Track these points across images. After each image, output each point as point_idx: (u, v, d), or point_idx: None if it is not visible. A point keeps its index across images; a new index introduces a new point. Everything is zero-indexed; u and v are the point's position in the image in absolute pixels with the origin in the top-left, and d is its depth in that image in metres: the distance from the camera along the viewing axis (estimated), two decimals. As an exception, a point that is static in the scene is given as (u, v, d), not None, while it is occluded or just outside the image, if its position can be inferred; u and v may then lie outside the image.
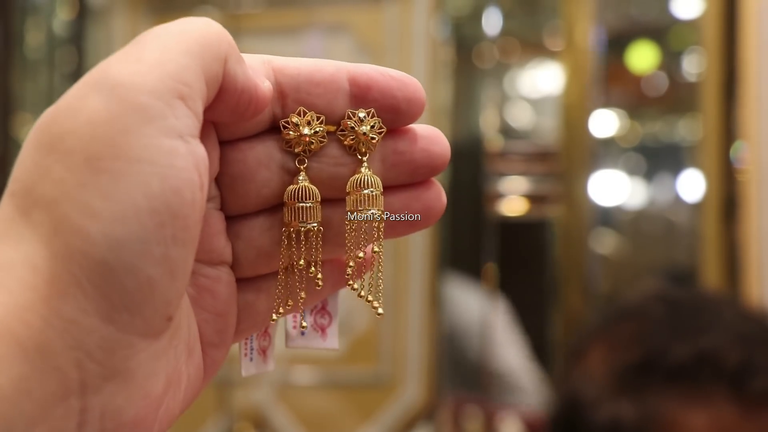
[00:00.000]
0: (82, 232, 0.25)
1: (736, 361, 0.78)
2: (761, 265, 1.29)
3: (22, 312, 0.25)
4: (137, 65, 0.26)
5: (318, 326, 0.36)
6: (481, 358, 1.60)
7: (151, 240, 0.25)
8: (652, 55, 1.75)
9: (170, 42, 0.27)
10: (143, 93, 0.26)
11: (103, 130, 0.26)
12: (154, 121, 0.26)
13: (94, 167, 0.25)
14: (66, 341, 0.25)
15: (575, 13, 1.46)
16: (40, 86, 1.67)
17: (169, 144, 0.26)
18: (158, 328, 0.27)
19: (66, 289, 0.25)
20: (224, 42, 0.28)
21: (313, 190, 0.32)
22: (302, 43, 1.49)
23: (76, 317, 0.25)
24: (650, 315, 0.85)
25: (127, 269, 0.25)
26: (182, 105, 0.27)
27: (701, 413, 0.77)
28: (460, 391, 1.59)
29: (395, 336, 1.43)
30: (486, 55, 1.63)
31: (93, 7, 1.63)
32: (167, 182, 0.26)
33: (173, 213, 0.26)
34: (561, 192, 1.47)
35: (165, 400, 0.28)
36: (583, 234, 1.46)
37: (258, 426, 1.46)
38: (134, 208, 0.25)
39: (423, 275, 1.44)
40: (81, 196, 0.25)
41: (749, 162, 1.31)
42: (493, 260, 1.54)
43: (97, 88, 0.26)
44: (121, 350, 0.26)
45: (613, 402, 0.79)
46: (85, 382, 0.25)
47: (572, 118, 1.47)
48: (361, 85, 0.32)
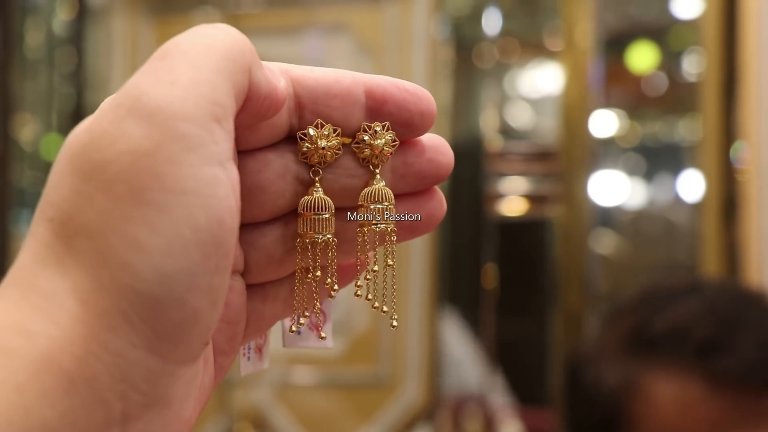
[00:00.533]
0: (131, 266, 0.25)
1: (705, 336, 0.80)
2: (761, 265, 1.29)
3: (71, 345, 0.25)
4: (172, 89, 0.26)
5: (313, 325, 0.36)
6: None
7: (198, 272, 0.25)
8: (651, 55, 1.75)
9: (200, 59, 0.27)
10: (182, 120, 0.26)
11: (145, 161, 0.25)
12: (196, 149, 0.26)
13: (139, 199, 0.25)
14: (113, 374, 0.25)
15: (575, 13, 1.46)
16: (39, 86, 1.67)
17: (210, 172, 0.26)
18: (197, 354, 0.27)
19: (115, 323, 0.25)
20: (247, 51, 0.28)
21: (327, 202, 0.32)
22: (302, 43, 1.49)
23: (124, 351, 0.25)
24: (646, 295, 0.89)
25: (175, 302, 0.25)
26: (219, 129, 0.26)
27: (669, 384, 0.79)
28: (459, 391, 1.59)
29: (395, 336, 1.43)
30: (486, 55, 1.63)
31: (92, 8, 1.63)
32: (212, 212, 0.26)
33: (217, 243, 0.26)
34: (561, 192, 1.47)
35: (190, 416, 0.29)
36: (583, 234, 1.46)
37: (258, 426, 1.46)
38: (182, 242, 0.25)
39: (423, 275, 1.44)
40: (127, 229, 0.25)
41: (749, 162, 1.31)
42: (493, 260, 1.54)
43: (132, 114, 0.26)
44: (164, 379, 0.26)
45: (603, 364, 0.84)
46: (127, 412, 0.25)
47: (572, 118, 1.47)
48: (378, 98, 0.32)
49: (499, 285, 1.55)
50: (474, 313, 1.66)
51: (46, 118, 1.71)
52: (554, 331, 1.49)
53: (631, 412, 0.80)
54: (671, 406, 0.78)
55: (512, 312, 1.61)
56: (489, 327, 1.59)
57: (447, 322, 1.59)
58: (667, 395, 0.79)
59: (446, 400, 1.49)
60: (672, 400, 0.78)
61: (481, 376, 1.59)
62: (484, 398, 1.58)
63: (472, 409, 1.54)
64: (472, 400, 1.57)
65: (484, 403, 1.57)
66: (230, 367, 0.33)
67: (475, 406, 1.55)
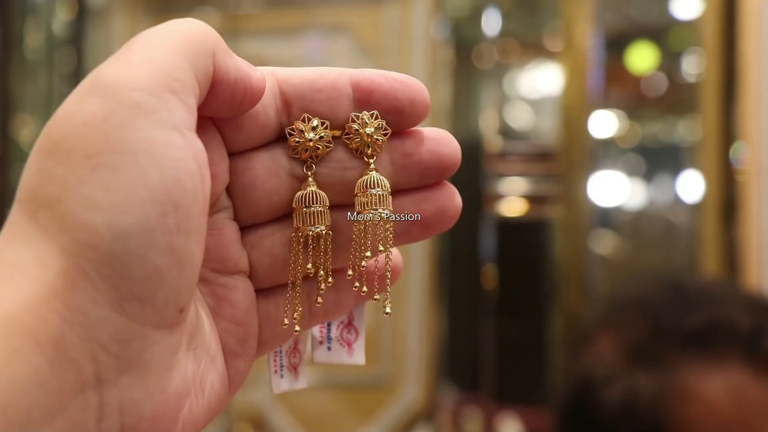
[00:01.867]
0: (87, 225, 0.25)
1: (749, 325, 0.79)
2: (761, 265, 1.29)
3: (35, 306, 0.25)
4: (127, 66, 0.27)
5: (345, 341, 0.36)
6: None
7: (155, 229, 0.26)
8: (651, 55, 1.75)
9: (157, 42, 0.28)
10: (135, 90, 0.26)
11: (98, 129, 0.26)
12: (148, 114, 0.26)
13: (93, 163, 0.26)
14: (79, 333, 0.25)
15: (574, 14, 1.46)
16: (39, 87, 1.67)
17: (165, 135, 0.26)
18: (170, 319, 0.27)
19: (76, 282, 0.25)
20: (210, 37, 0.29)
21: (320, 195, 0.32)
22: (301, 44, 1.49)
23: (87, 309, 0.25)
24: (654, 298, 0.86)
25: (133, 259, 0.25)
26: (175, 98, 0.27)
27: (716, 378, 0.77)
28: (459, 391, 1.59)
29: (395, 337, 1.43)
30: (485, 55, 1.63)
31: (92, 8, 1.63)
32: (166, 172, 0.26)
33: (175, 203, 0.26)
34: (560, 193, 1.47)
35: (187, 402, 0.28)
36: (582, 235, 1.46)
37: (257, 427, 1.46)
38: (135, 198, 0.25)
39: (423, 276, 1.44)
40: (82, 191, 0.26)
41: (748, 162, 1.31)
42: (493, 261, 1.54)
43: (91, 91, 0.27)
44: (135, 341, 0.26)
45: (627, 376, 0.80)
46: (100, 374, 0.25)
47: (572, 118, 1.47)
48: (364, 89, 0.32)
49: (499, 285, 1.55)
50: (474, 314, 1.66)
51: (45, 118, 1.71)
52: (554, 331, 1.49)
53: (679, 416, 0.77)
54: (725, 400, 0.77)
55: (512, 312, 1.61)
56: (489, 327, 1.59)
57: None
58: (718, 390, 0.77)
59: (446, 401, 1.49)
60: (724, 393, 0.77)
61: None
62: (484, 398, 1.58)
63: (471, 409, 1.54)
64: (472, 400, 1.57)
65: (483, 403, 1.57)
66: (248, 373, 0.33)
67: (475, 407, 1.55)
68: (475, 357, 1.65)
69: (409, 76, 0.32)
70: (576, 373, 0.85)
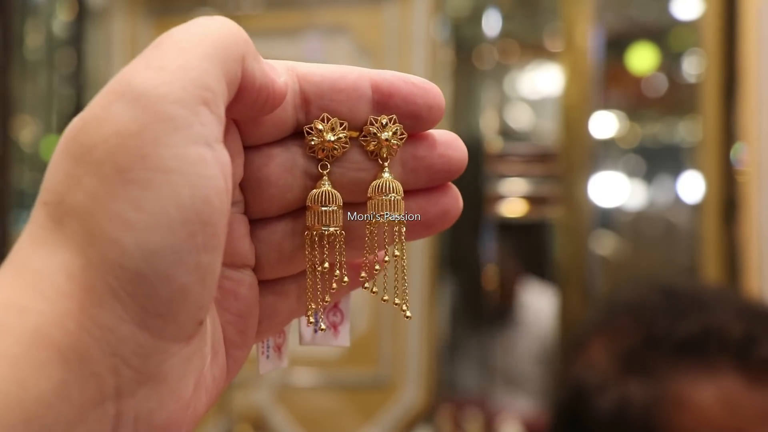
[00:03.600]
0: (117, 242, 0.25)
1: (741, 333, 0.79)
2: (761, 266, 1.29)
3: (61, 319, 0.25)
4: (160, 73, 0.27)
5: (331, 324, 0.36)
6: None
7: (183, 249, 0.26)
8: (651, 56, 1.75)
9: (190, 46, 0.27)
10: (169, 102, 0.26)
11: (131, 142, 0.26)
12: (181, 130, 0.26)
13: (125, 178, 0.26)
14: (103, 348, 0.25)
15: (575, 15, 1.46)
16: (39, 88, 1.67)
17: (196, 152, 0.26)
18: (190, 332, 0.27)
19: (103, 298, 0.25)
20: (241, 41, 0.29)
21: (335, 195, 0.32)
22: (301, 44, 1.49)
23: (112, 325, 0.25)
24: (648, 304, 0.86)
25: (161, 278, 0.26)
26: (207, 111, 0.27)
27: (708, 386, 0.77)
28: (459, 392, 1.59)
29: (395, 337, 1.43)
30: (486, 56, 1.63)
31: (92, 9, 1.63)
32: (197, 191, 0.26)
33: (204, 221, 0.26)
34: (561, 193, 1.47)
35: (193, 402, 0.29)
36: (582, 235, 1.46)
37: (257, 427, 1.46)
38: (166, 218, 0.26)
39: (423, 277, 1.44)
40: (113, 207, 0.26)
41: (749, 163, 1.31)
42: (493, 261, 1.54)
43: (122, 98, 0.27)
44: (156, 355, 0.26)
45: (620, 384, 0.80)
46: (120, 387, 0.26)
47: (572, 119, 1.47)
48: (384, 91, 0.32)
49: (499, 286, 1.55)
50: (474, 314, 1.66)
51: (45, 119, 1.71)
52: (554, 331, 1.49)
53: (671, 424, 0.77)
54: (716, 407, 0.76)
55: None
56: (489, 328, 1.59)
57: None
58: (710, 398, 0.77)
59: (446, 402, 1.49)
60: (716, 401, 0.77)
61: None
62: (484, 399, 1.58)
63: (471, 410, 1.54)
64: (472, 400, 1.57)
65: (484, 403, 1.57)
66: (245, 362, 0.33)
67: (475, 407, 1.55)
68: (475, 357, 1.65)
69: (428, 80, 0.33)
70: (569, 379, 0.85)
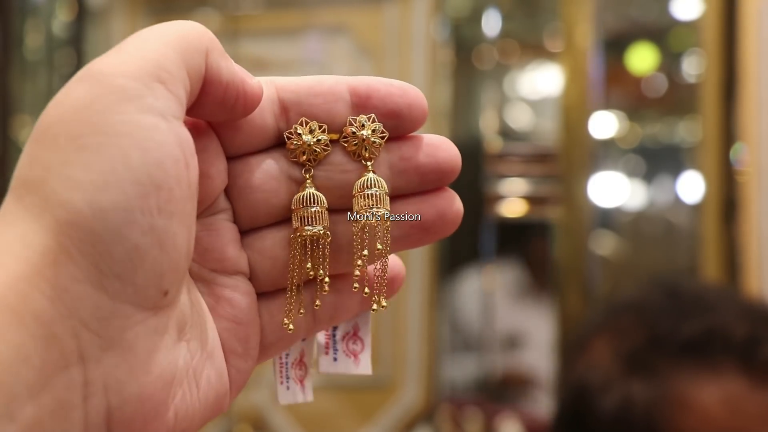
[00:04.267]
0: (68, 203, 0.26)
1: (744, 333, 0.79)
2: (761, 266, 1.29)
3: (17, 283, 0.25)
4: (118, 56, 0.28)
5: (350, 352, 0.36)
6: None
7: (134, 209, 0.26)
8: (651, 56, 1.75)
9: (151, 37, 0.29)
10: (121, 76, 0.27)
11: (84, 113, 0.27)
12: (133, 100, 0.27)
13: (77, 145, 0.26)
14: (60, 309, 0.26)
15: (575, 15, 1.46)
16: (39, 88, 1.67)
17: (148, 120, 0.27)
18: (153, 300, 0.27)
19: (56, 258, 0.26)
20: (205, 37, 0.30)
21: (318, 196, 0.32)
22: (301, 44, 1.49)
23: (68, 285, 0.26)
24: (651, 303, 0.86)
25: (113, 237, 0.26)
26: (161, 87, 0.28)
27: (711, 387, 0.77)
28: (459, 392, 1.59)
29: (395, 338, 1.43)
30: (485, 56, 1.63)
31: (92, 9, 1.63)
32: (148, 154, 0.27)
33: (156, 184, 0.27)
34: (561, 193, 1.47)
35: (179, 391, 0.29)
36: (582, 235, 1.46)
37: (257, 427, 1.46)
38: (116, 178, 0.26)
39: (422, 277, 1.44)
40: (65, 171, 0.26)
41: (749, 163, 1.31)
42: (493, 262, 1.54)
43: (80, 79, 0.28)
44: (116, 320, 0.26)
45: (623, 384, 0.80)
46: (83, 351, 0.26)
47: (572, 119, 1.47)
48: (361, 93, 0.32)
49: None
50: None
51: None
52: (554, 331, 1.49)
53: (674, 425, 0.77)
54: (720, 409, 0.76)
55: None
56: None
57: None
58: (713, 399, 0.76)
59: (445, 402, 1.49)
60: (719, 402, 0.76)
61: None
62: (484, 399, 1.58)
63: (471, 410, 1.54)
64: (472, 400, 1.57)
65: (483, 403, 1.57)
66: (250, 373, 0.33)
67: (475, 408, 1.54)
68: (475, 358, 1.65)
69: (407, 82, 0.33)
70: (572, 379, 0.85)
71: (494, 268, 1.57)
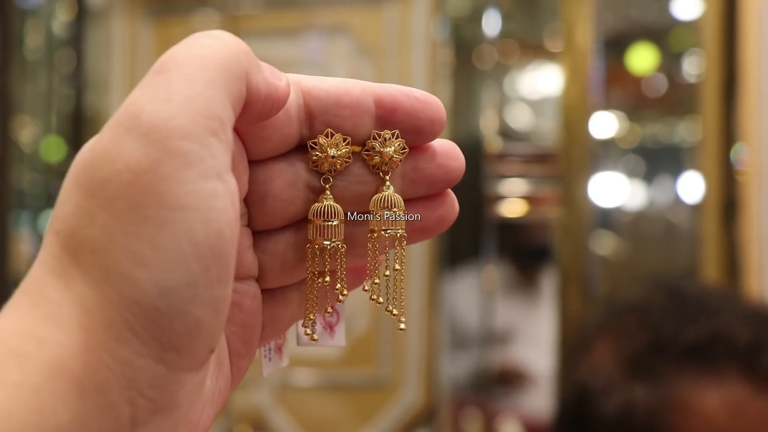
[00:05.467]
0: (133, 280, 0.26)
1: (748, 339, 0.78)
2: (761, 266, 1.29)
3: (80, 352, 0.26)
4: (167, 106, 0.27)
5: (327, 324, 0.37)
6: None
7: (199, 284, 0.26)
8: (651, 56, 1.75)
9: (194, 73, 0.27)
10: (179, 137, 0.26)
11: (144, 179, 0.26)
12: (194, 165, 0.26)
13: (140, 216, 0.26)
14: (120, 381, 0.26)
15: (575, 15, 1.46)
16: (39, 88, 1.67)
17: (209, 187, 0.26)
18: (203, 361, 0.28)
19: (120, 333, 0.26)
20: (243, 57, 0.29)
21: (337, 209, 0.33)
22: (301, 44, 1.49)
23: (130, 359, 0.26)
24: (654, 306, 0.86)
25: (177, 314, 0.26)
26: (216, 142, 0.27)
27: (714, 392, 0.77)
28: (459, 393, 1.59)
29: (394, 338, 1.43)
30: (485, 56, 1.63)
31: (92, 9, 1.63)
32: (210, 226, 0.26)
33: (217, 255, 0.27)
34: (561, 194, 1.47)
35: (202, 421, 0.29)
36: (582, 235, 1.46)
37: (257, 428, 1.46)
38: (182, 255, 0.26)
39: (422, 277, 1.44)
40: (128, 245, 0.26)
41: (749, 163, 1.31)
42: (493, 262, 1.54)
43: (131, 132, 0.27)
44: (171, 386, 0.27)
45: (625, 388, 0.79)
46: (135, 417, 0.26)
47: (572, 119, 1.47)
48: (387, 107, 0.32)
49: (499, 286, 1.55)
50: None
51: (45, 119, 1.71)
52: (554, 332, 1.49)
53: (677, 430, 0.77)
54: (721, 413, 0.76)
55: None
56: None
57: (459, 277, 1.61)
58: (715, 403, 0.76)
59: (446, 403, 1.49)
60: (720, 406, 0.76)
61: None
62: (484, 399, 1.58)
63: (471, 411, 1.54)
64: (472, 401, 1.57)
65: (483, 404, 1.56)
66: (248, 369, 0.33)
67: (475, 408, 1.54)
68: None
69: (408, 83, 0.33)
70: (574, 381, 0.85)
71: (494, 268, 1.57)
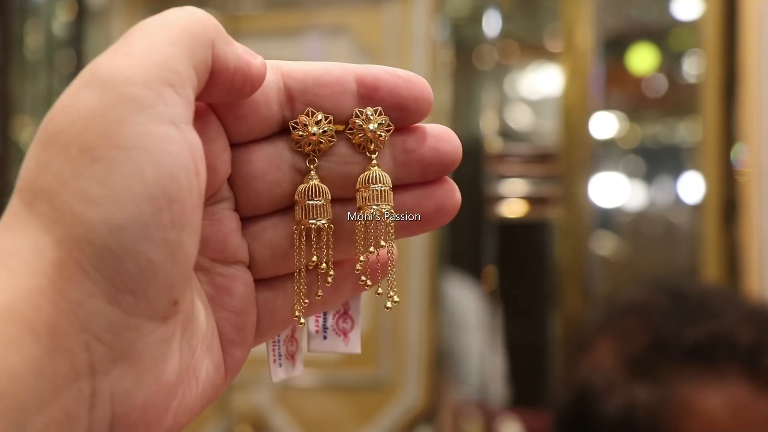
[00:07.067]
0: (83, 219, 0.26)
1: (750, 340, 0.78)
2: (761, 267, 1.29)
3: (31, 295, 0.25)
4: (125, 59, 0.27)
5: (340, 330, 0.36)
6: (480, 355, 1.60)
7: (149, 224, 0.26)
8: (651, 56, 1.75)
9: (156, 34, 0.28)
10: (132, 84, 0.27)
11: (95, 123, 0.26)
12: (145, 109, 0.27)
13: (90, 157, 0.26)
14: (74, 323, 0.26)
15: (575, 15, 1.46)
16: (39, 88, 1.67)
17: (161, 130, 0.27)
18: (163, 311, 0.27)
19: (71, 274, 0.26)
20: (210, 27, 0.29)
21: (323, 188, 0.32)
22: (301, 44, 1.49)
23: (82, 300, 0.26)
24: (655, 306, 0.85)
25: (128, 253, 0.26)
26: (172, 92, 0.27)
27: (716, 392, 0.77)
28: (459, 393, 1.59)
29: (395, 338, 1.43)
30: (486, 56, 1.63)
31: (92, 9, 1.63)
32: (162, 168, 0.26)
33: (170, 198, 0.26)
34: (561, 194, 1.47)
35: (179, 392, 0.29)
36: (583, 236, 1.46)
37: (257, 428, 1.46)
38: (131, 194, 0.26)
39: (423, 277, 1.44)
40: (79, 185, 0.26)
41: (749, 164, 1.31)
42: (493, 262, 1.54)
43: (88, 85, 0.27)
44: (128, 332, 0.26)
45: (626, 388, 0.79)
46: (94, 363, 0.26)
47: (572, 120, 1.47)
48: (369, 85, 0.32)
49: (500, 287, 1.55)
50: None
51: (45, 119, 1.71)
52: (554, 332, 1.49)
53: (678, 430, 0.77)
54: (723, 414, 0.76)
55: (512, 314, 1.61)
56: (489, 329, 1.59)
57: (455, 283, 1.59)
58: (717, 404, 0.76)
59: (446, 403, 1.49)
60: (723, 407, 0.76)
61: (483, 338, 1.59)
62: (484, 400, 1.58)
63: (471, 411, 1.54)
64: (472, 401, 1.57)
65: (484, 404, 1.56)
66: (245, 362, 0.33)
67: (475, 408, 1.54)
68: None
69: (414, 73, 0.33)
70: (575, 381, 0.85)
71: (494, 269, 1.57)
